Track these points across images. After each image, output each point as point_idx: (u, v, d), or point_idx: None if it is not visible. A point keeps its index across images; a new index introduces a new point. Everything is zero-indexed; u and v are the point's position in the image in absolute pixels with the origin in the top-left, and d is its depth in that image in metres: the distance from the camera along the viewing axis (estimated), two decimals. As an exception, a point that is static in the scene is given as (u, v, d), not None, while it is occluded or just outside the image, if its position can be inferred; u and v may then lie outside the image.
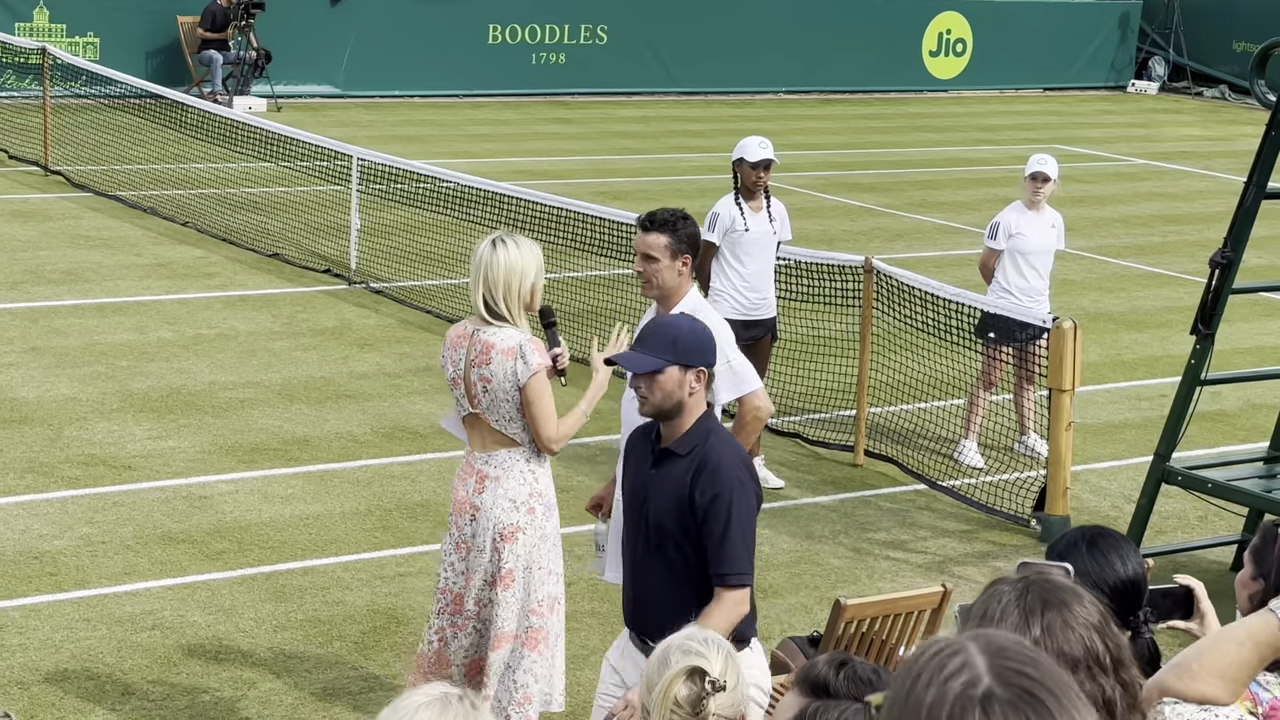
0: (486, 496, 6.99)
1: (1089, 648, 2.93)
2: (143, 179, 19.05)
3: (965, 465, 11.77)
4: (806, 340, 13.08)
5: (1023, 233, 11.72)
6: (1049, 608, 2.96)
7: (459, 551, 7.12)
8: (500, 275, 6.84)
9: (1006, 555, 10.30)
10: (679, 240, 7.22)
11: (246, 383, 12.63)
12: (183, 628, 8.67)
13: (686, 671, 4.02)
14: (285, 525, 10.06)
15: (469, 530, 7.05)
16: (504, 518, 6.96)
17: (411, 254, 16.01)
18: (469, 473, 7.08)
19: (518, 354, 6.84)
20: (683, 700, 4.01)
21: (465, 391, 6.98)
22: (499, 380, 6.86)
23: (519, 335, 6.89)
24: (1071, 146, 26.01)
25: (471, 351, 6.93)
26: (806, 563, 10.01)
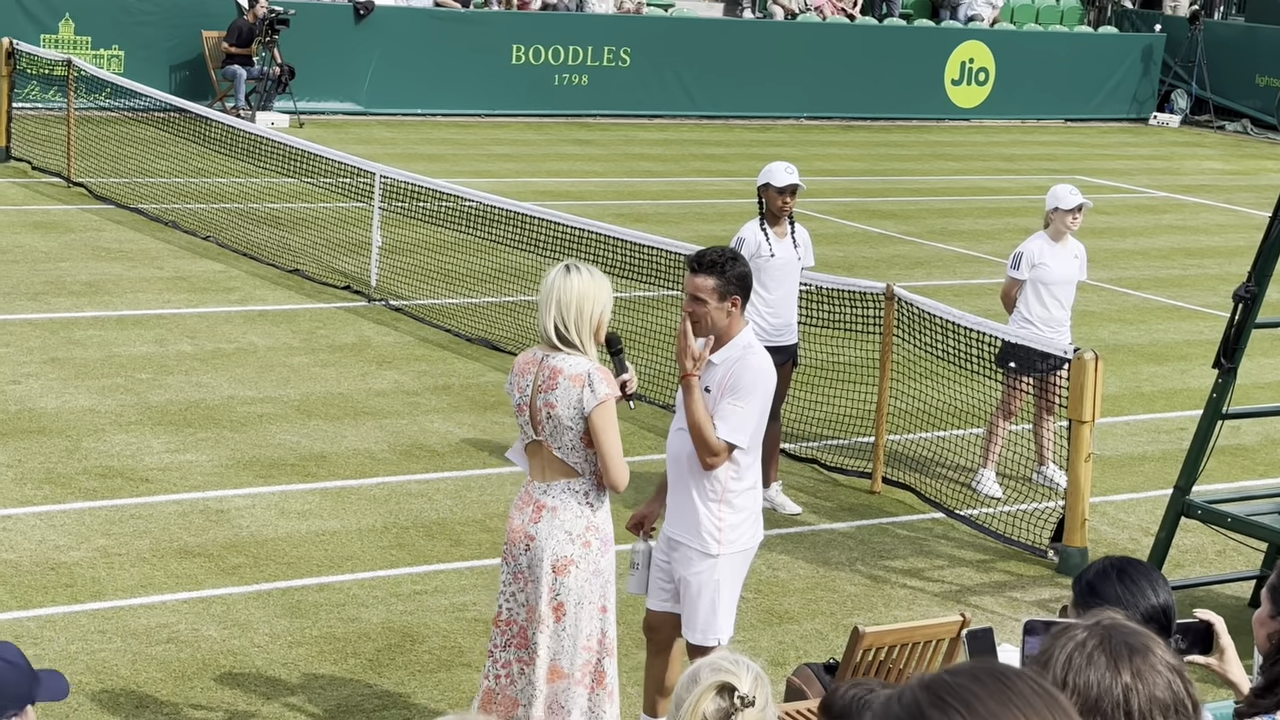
0: (542, 526, 6.88)
1: (1175, 692, 2.93)
2: (165, 192, 19.10)
3: (983, 494, 11.74)
4: (826, 366, 13.07)
5: (1046, 263, 11.70)
6: (1135, 653, 2.95)
7: (517, 582, 6.98)
8: (573, 301, 6.77)
9: (1024, 586, 10.28)
10: (727, 282, 7.24)
11: (265, 398, 12.64)
12: (198, 641, 8.67)
13: (716, 687, 4.07)
14: (301, 541, 10.06)
15: (524, 560, 6.93)
16: (559, 549, 6.85)
17: (432, 272, 16.03)
18: (526, 502, 6.98)
19: (585, 381, 6.75)
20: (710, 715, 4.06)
21: (530, 418, 6.89)
22: (563, 406, 6.77)
23: (588, 363, 6.81)
24: (1092, 178, 26.00)
25: (539, 377, 6.84)
26: (823, 589, 10.00)
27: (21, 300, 14.77)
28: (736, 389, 7.17)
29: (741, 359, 7.25)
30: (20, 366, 12.91)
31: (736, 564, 7.41)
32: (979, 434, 12.30)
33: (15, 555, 9.55)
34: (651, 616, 7.59)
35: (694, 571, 7.33)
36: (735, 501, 7.32)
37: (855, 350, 13.04)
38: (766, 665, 8.64)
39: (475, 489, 11.14)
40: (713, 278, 7.24)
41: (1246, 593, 10.04)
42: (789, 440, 12.21)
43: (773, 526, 10.60)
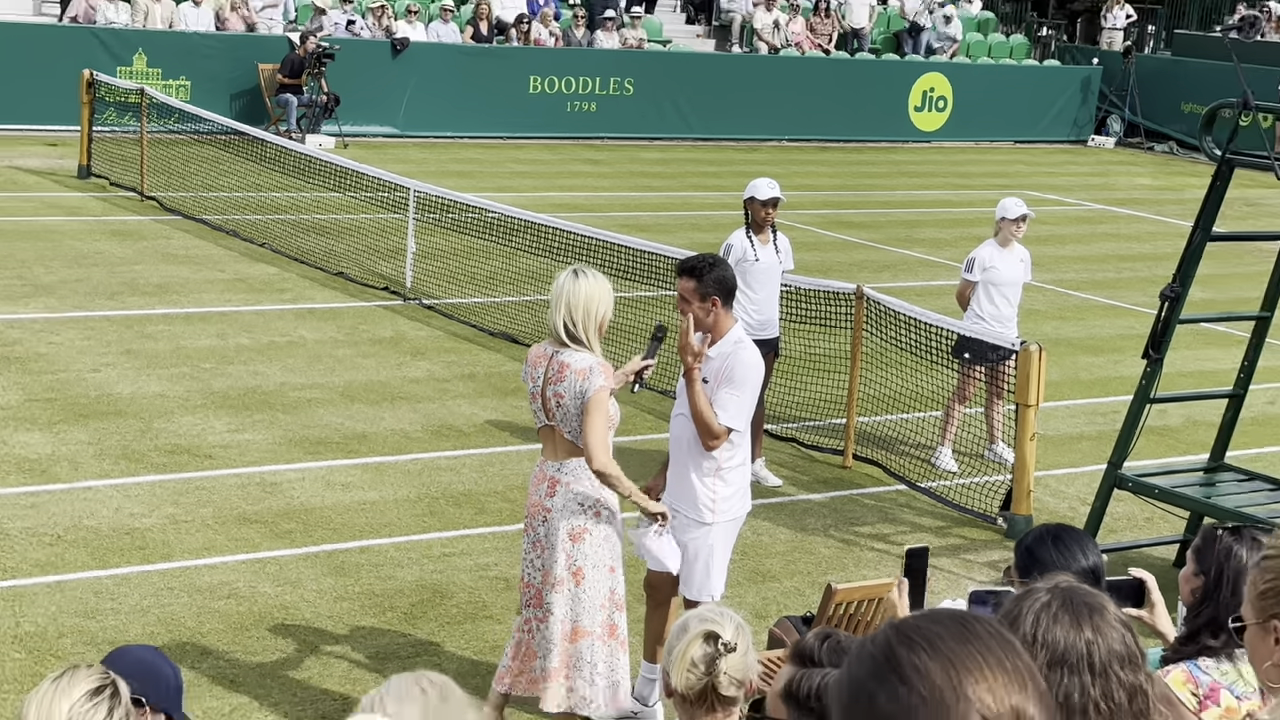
0: (557, 500, 6.85)
1: (1127, 644, 2.93)
2: (226, 205, 19.09)
3: (941, 469, 11.74)
4: (804, 357, 13.06)
5: (996, 266, 11.69)
6: (1093, 611, 2.95)
7: (536, 550, 6.97)
8: (580, 302, 6.72)
9: (976, 549, 10.27)
10: (705, 285, 7.24)
11: (313, 384, 12.64)
12: (254, 597, 8.67)
13: (703, 635, 4.09)
14: (345, 510, 10.06)
15: (542, 531, 6.90)
16: (573, 520, 6.83)
17: (460, 275, 16.02)
18: (541, 479, 6.94)
19: (587, 374, 6.71)
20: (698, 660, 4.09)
21: (542, 405, 6.89)
22: (570, 397, 6.74)
23: (592, 358, 6.76)
24: (1038, 192, 25.96)
25: (549, 370, 6.81)
26: (800, 552, 9.99)
27: (101, 299, 14.76)
28: (732, 380, 7.18)
29: (734, 354, 7.25)
30: (100, 357, 12.91)
31: (728, 531, 7.43)
32: (937, 416, 12.29)
33: (95, 522, 9.55)
34: (651, 576, 7.60)
35: (691, 537, 7.34)
36: (727, 476, 7.33)
37: (829, 343, 13.04)
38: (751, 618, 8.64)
39: (497, 464, 11.14)
40: (692, 280, 7.26)
41: (1172, 554, 10.03)
42: (771, 421, 12.20)
43: (757, 497, 10.58)
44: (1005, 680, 1.99)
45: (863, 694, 2.01)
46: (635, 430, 12.00)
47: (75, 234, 17.45)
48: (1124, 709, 2.88)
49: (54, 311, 14.21)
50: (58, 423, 11.25)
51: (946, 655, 2.00)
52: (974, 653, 2.01)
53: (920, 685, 1.97)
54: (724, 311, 7.30)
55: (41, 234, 17.29)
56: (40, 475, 10.23)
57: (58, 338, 13.38)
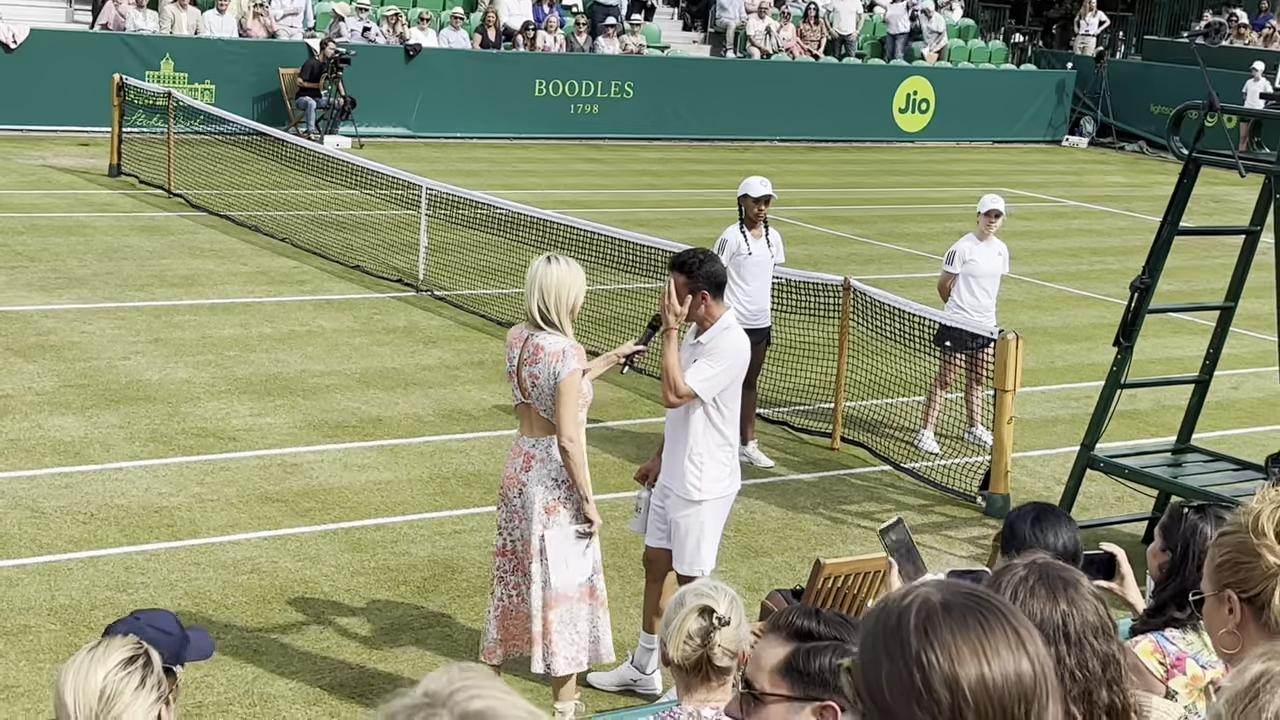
0: (532, 474, 6.84)
1: (1100, 616, 2.93)
2: (249, 201, 19.07)
3: (924, 451, 11.74)
4: (795, 345, 13.06)
5: (975, 259, 11.68)
6: (1068, 585, 2.95)
7: (514, 520, 6.95)
8: (553, 286, 6.69)
9: (957, 526, 10.27)
10: (695, 279, 7.22)
11: (331, 371, 12.63)
12: (276, 572, 8.67)
13: (698, 609, 4.08)
14: (361, 489, 10.06)
15: (518, 502, 6.90)
16: (547, 494, 6.83)
17: (469, 268, 16.01)
18: (517, 454, 6.93)
19: (560, 356, 6.69)
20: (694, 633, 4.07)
21: (518, 384, 6.89)
22: (544, 378, 6.72)
23: (565, 341, 6.73)
24: (1016, 189, 25.93)
25: (524, 352, 6.79)
26: (791, 529, 9.99)
27: (130, 291, 14.75)
28: (711, 354, 7.20)
29: (721, 336, 7.25)
30: (130, 345, 12.91)
31: (717, 508, 7.42)
32: (920, 401, 12.29)
33: (126, 501, 9.55)
34: (649, 551, 7.60)
35: (682, 514, 7.34)
36: (717, 456, 7.32)
37: (818, 332, 13.03)
38: (744, 591, 8.66)
39: (505, 446, 11.12)
40: (682, 274, 7.24)
41: (1140, 531, 10.04)
42: (763, 406, 12.21)
43: (749, 477, 10.61)
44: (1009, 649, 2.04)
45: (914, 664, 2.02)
46: (634, 414, 12.00)
47: (106, 229, 17.44)
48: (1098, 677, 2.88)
49: (86, 302, 14.21)
50: (90, 407, 11.25)
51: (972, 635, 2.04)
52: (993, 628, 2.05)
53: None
54: (714, 303, 7.29)
55: (75, 229, 17.28)
56: (74, 457, 10.23)
57: (90, 327, 13.38)
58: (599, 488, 9.05)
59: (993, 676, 2.02)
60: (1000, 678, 2.02)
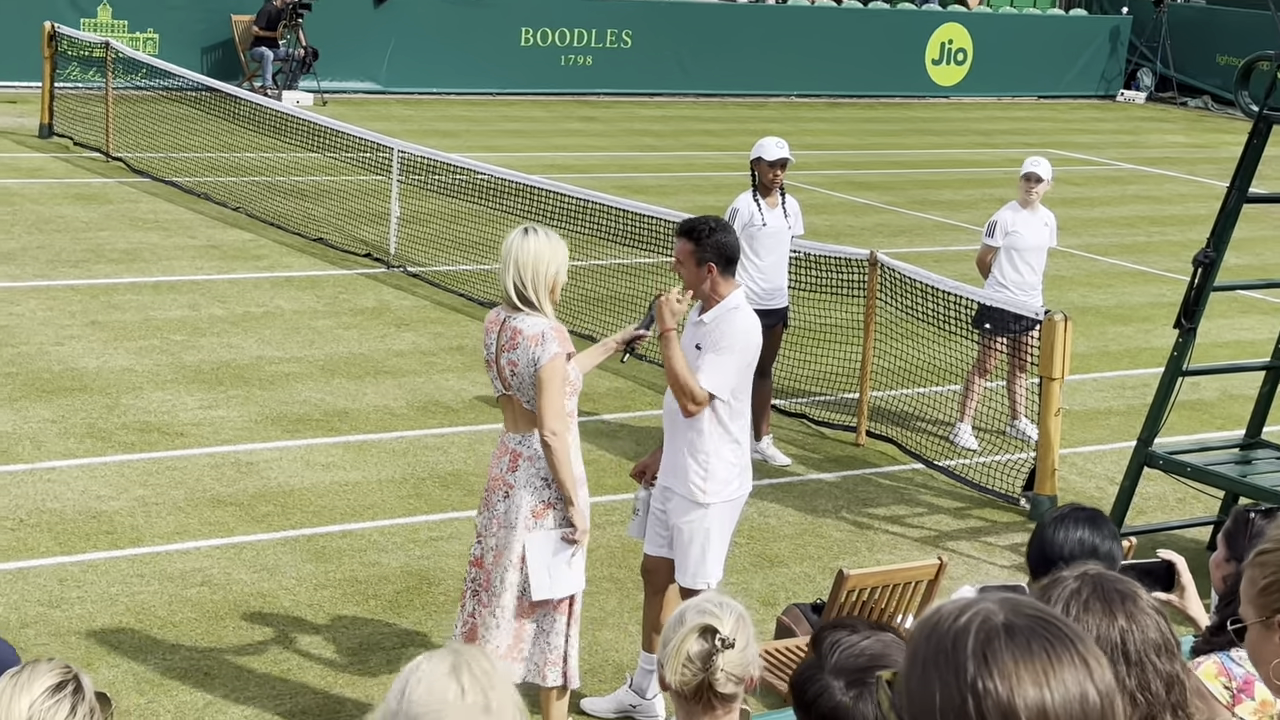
0: (520, 475, 6.84)
1: (1162, 632, 2.93)
2: (197, 166, 19.07)
3: (960, 446, 11.75)
4: (815, 328, 13.06)
5: (1018, 230, 11.68)
6: (1125, 598, 2.94)
7: (494, 526, 6.94)
8: (529, 261, 6.69)
9: (997, 531, 10.29)
10: (703, 249, 7.24)
11: (291, 358, 12.64)
12: (229, 584, 8.69)
13: (699, 629, 4.03)
14: (326, 491, 10.07)
15: (502, 507, 6.89)
16: (536, 495, 6.84)
17: (447, 241, 16.01)
18: (503, 452, 6.93)
19: (540, 340, 6.68)
20: (694, 656, 4.01)
21: (498, 373, 6.90)
22: (524, 365, 6.72)
23: (544, 323, 6.73)
24: (1063, 151, 25.94)
25: (501, 337, 6.80)
26: (810, 535, 10.01)
27: (64, 267, 14.76)
28: (718, 345, 7.20)
29: (727, 318, 7.26)
30: (64, 329, 12.91)
31: (726, 513, 7.42)
32: (956, 390, 12.30)
33: (60, 505, 9.57)
34: (648, 560, 7.61)
35: (685, 520, 7.34)
36: (724, 454, 7.32)
37: (841, 313, 13.04)
38: (758, 605, 8.68)
39: (487, 442, 11.14)
40: (690, 243, 7.27)
41: (1205, 537, 10.05)
42: (779, 396, 12.22)
43: (764, 477, 10.61)
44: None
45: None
46: (632, 406, 12.01)
47: (36, 197, 17.43)
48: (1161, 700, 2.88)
49: (14, 280, 14.21)
50: (19, 399, 11.25)
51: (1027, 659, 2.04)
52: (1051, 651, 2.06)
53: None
54: (721, 279, 7.29)
55: (1, 197, 17.28)
56: (1, 455, 10.24)
57: (18, 308, 13.38)
58: (593, 489, 9.07)
59: (1055, 711, 2.03)
60: (1064, 712, 2.03)
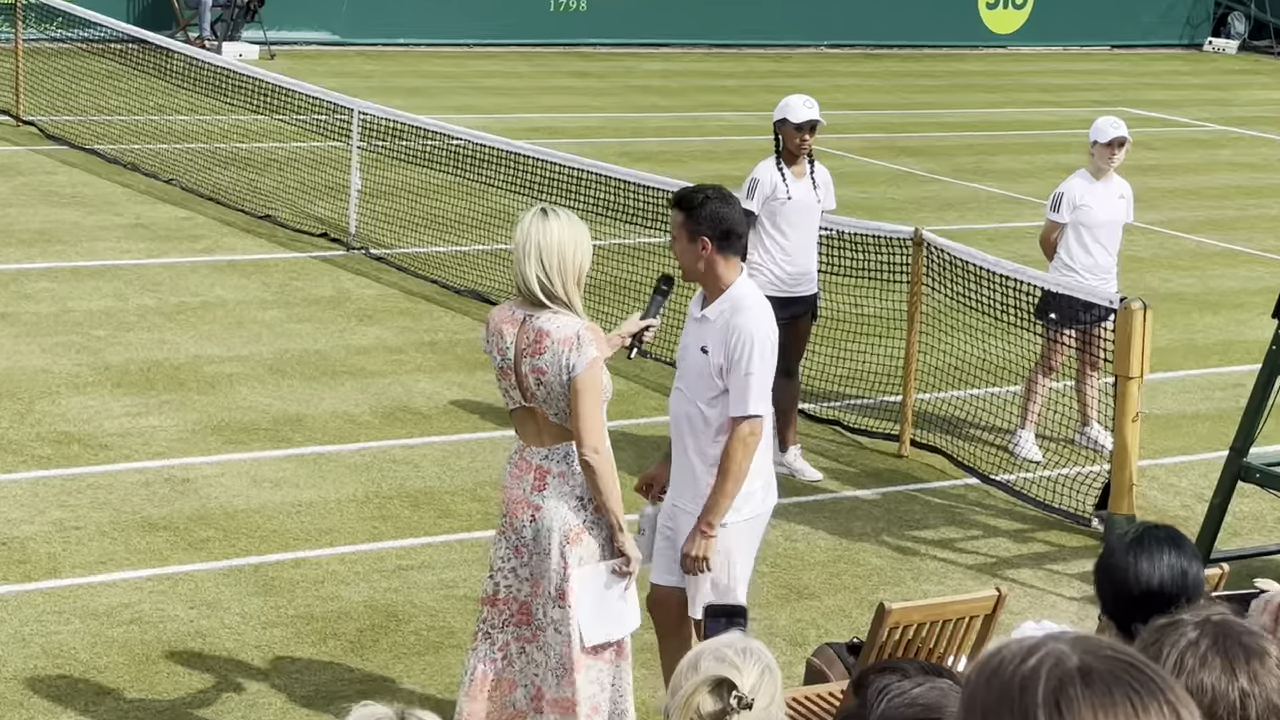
0: (550, 493, 6.81)
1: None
2: (123, 131, 19.07)
3: (1021, 458, 11.74)
4: (849, 318, 13.05)
5: (1089, 204, 11.67)
6: (1251, 655, 2.93)
7: (519, 556, 6.89)
8: (554, 248, 6.64)
9: (1065, 558, 10.29)
10: (696, 221, 7.21)
11: (235, 356, 12.64)
12: (163, 622, 8.69)
13: (714, 682, 3.89)
14: (276, 512, 10.08)
15: (528, 532, 6.84)
16: (570, 518, 6.80)
17: (417, 218, 16.01)
18: (524, 469, 6.89)
19: (574, 343, 6.66)
20: (705, 714, 3.88)
21: (516, 383, 6.85)
22: (553, 372, 6.68)
23: (577, 322, 6.70)
24: (1140, 110, 25.93)
25: (522, 340, 6.75)
26: (845, 562, 10.01)
27: (-33, 251, 14.77)
28: (740, 361, 7.16)
29: (734, 319, 7.21)
30: (-34, 323, 12.92)
31: (747, 534, 7.41)
32: (1016, 392, 12.29)
33: (-37, 529, 9.58)
34: (657, 591, 7.60)
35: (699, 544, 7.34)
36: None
37: (881, 301, 13.03)
38: (784, 645, 8.68)
39: (465, 455, 11.15)
40: (681, 213, 7.25)
41: (1309, 564, 10.05)
42: (808, 400, 12.21)
43: (790, 494, 10.61)
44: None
45: None
46: (638, 413, 12.02)
47: (-66, 169, 17.45)
48: None
49: (-91, 266, 14.23)
50: (-85, 406, 11.27)
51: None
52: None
53: None
54: (723, 259, 7.27)
55: (-108, 169, 17.30)
56: (-106, 472, 10.26)
57: (-86, 299, 13.40)
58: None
59: None
60: None
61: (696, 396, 7.32)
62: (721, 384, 7.24)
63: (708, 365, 7.26)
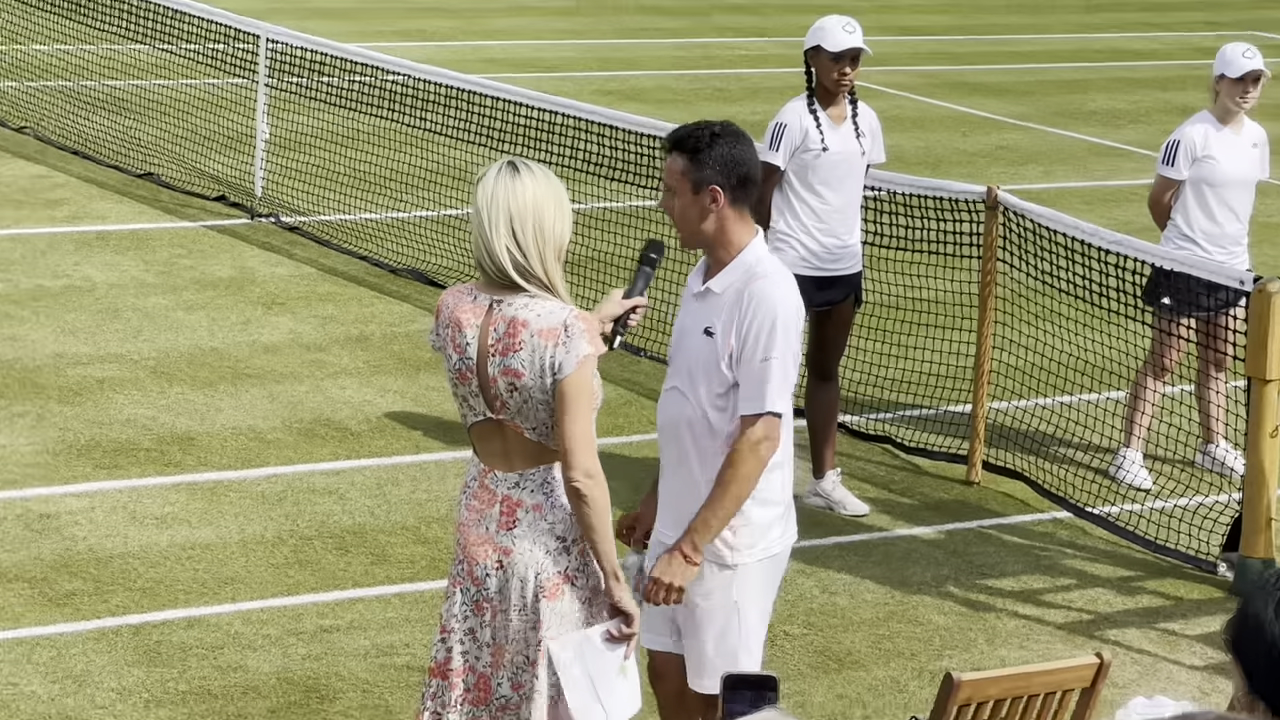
0: (521, 533, 6.76)
1: None
2: (-40, 65, 19.09)
3: (1126, 485, 11.74)
4: (902, 305, 13.06)
5: (1213, 156, 11.67)
6: None
7: (479, 614, 6.87)
8: (529, 213, 6.60)
9: (1185, 614, 10.29)
10: (703, 165, 7.20)
11: (107, 355, 12.64)
12: (15, 701, 8.68)
13: None
14: (162, 558, 10.07)
15: (492, 583, 6.79)
16: (547, 564, 6.77)
17: (340, 175, 16.01)
18: (486, 500, 6.83)
19: (560, 336, 6.62)
20: None
21: (479, 389, 6.82)
22: (532, 374, 6.63)
23: (562, 309, 6.65)
24: (1275, 34, 25.95)
25: (489, 333, 6.71)
26: (900, 620, 10.01)
27: None
28: (755, 342, 7.14)
29: (751, 288, 7.20)
30: None
31: (761, 577, 7.40)
32: (1120, 400, 12.30)
33: None
34: (655, 659, 7.60)
35: (702, 591, 7.32)
36: (759, 488, 7.31)
37: (944, 282, 13.03)
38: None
39: (405, 483, 11.15)
40: (683, 158, 7.23)
41: None
42: (849, 410, 12.21)
43: (828, 532, 10.61)
44: None
45: None
46: (630, 427, 12.03)
47: None
48: None
49: None
50: None
51: None
52: None
53: None
54: (736, 214, 7.26)
55: None
56: None
57: None
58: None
59: None
60: None
61: (699, 395, 7.28)
62: (732, 375, 7.21)
63: (714, 351, 7.22)
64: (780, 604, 9.71)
